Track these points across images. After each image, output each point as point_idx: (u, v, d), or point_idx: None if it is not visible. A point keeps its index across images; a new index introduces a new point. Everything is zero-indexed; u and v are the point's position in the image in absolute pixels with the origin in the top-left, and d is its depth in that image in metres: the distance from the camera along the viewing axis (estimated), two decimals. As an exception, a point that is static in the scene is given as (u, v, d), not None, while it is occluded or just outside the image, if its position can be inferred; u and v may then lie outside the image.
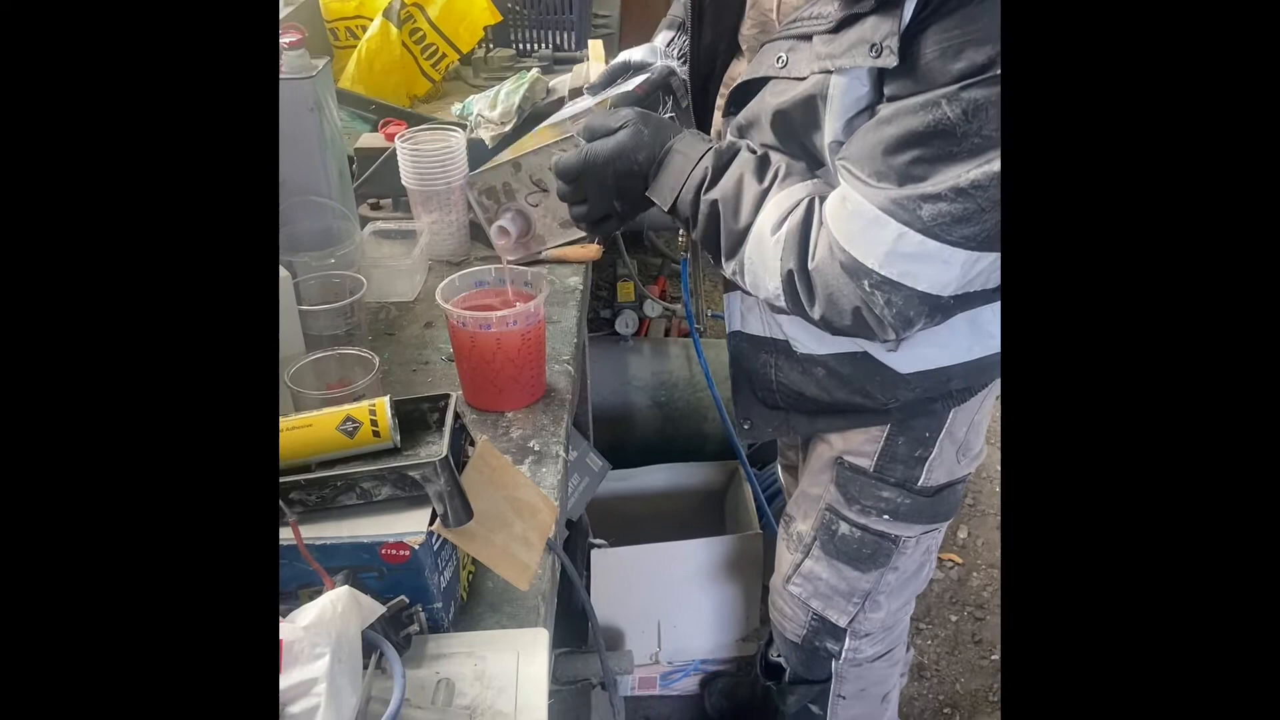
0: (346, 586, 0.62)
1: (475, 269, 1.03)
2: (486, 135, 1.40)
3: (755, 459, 1.84)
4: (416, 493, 0.69)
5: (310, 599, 0.61)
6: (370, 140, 1.40)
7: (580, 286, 1.25)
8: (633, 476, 1.77)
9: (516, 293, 1.01)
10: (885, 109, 0.76)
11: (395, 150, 1.26)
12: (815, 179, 0.86)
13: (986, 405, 1.06)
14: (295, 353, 0.97)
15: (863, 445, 1.07)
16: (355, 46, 1.66)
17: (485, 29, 1.77)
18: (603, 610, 1.56)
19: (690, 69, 1.04)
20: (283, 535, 0.67)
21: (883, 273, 0.77)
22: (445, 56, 1.72)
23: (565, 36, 1.90)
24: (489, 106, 1.47)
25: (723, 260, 0.89)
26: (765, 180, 0.85)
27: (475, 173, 1.08)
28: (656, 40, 1.18)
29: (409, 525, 0.68)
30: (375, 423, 0.72)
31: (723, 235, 0.87)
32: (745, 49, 0.97)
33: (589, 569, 1.54)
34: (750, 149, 0.88)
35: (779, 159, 0.87)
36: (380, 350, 1.03)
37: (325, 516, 0.69)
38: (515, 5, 1.86)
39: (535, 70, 1.54)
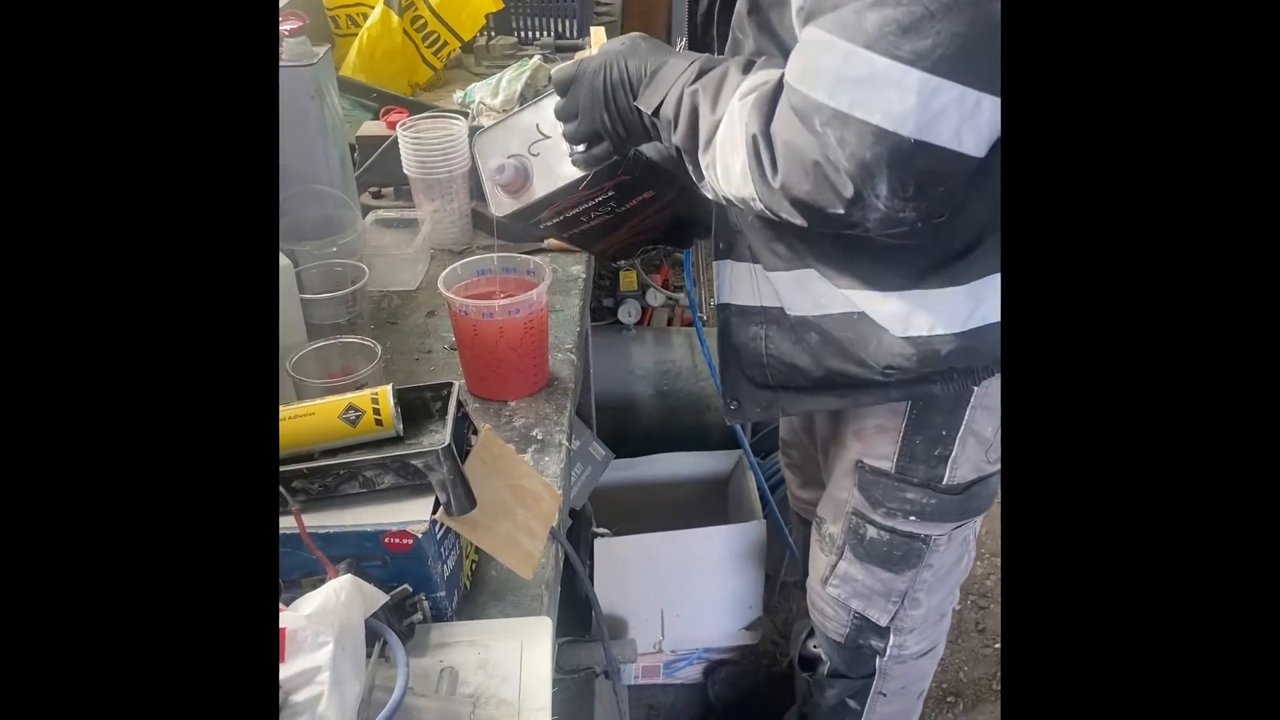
0: (350, 575, 0.62)
1: (478, 257, 1.02)
2: (488, 123, 1.39)
3: (758, 448, 1.84)
4: (419, 481, 0.69)
5: (313, 588, 0.61)
6: (372, 128, 1.39)
7: (583, 275, 1.25)
8: (636, 466, 1.77)
9: (518, 281, 1.01)
10: None
11: (397, 138, 1.25)
12: None
13: None
14: (297, 341, 0.96)
15: (881, 447, 1.05)
16: (356, 34, 1.65)
17: (487, 16, 1.77)
18: (606, 599, 1.56)
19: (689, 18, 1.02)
20: (286, 524, 0.67)
21: (832, 104, 0.72)
22: (447, 44, 1.71)
23: (567, 24, 1.89)
24: (491, 94, 1.46)
25: (699, 156, 0.85)
26: (749, 71, 0.83)
27: (483, 130, 1.06)
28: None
29: (412, 514, 0.68)
30: (378, 411, 0.72)
31: (701, 125, 0.84)
32: None
33: (592, 558, 1.54)
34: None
35: (766, 60, 0.84)
36: (382, 339, 1.02)
37: (328, 505, 0.69)
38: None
39: (537, 58, 1.54)
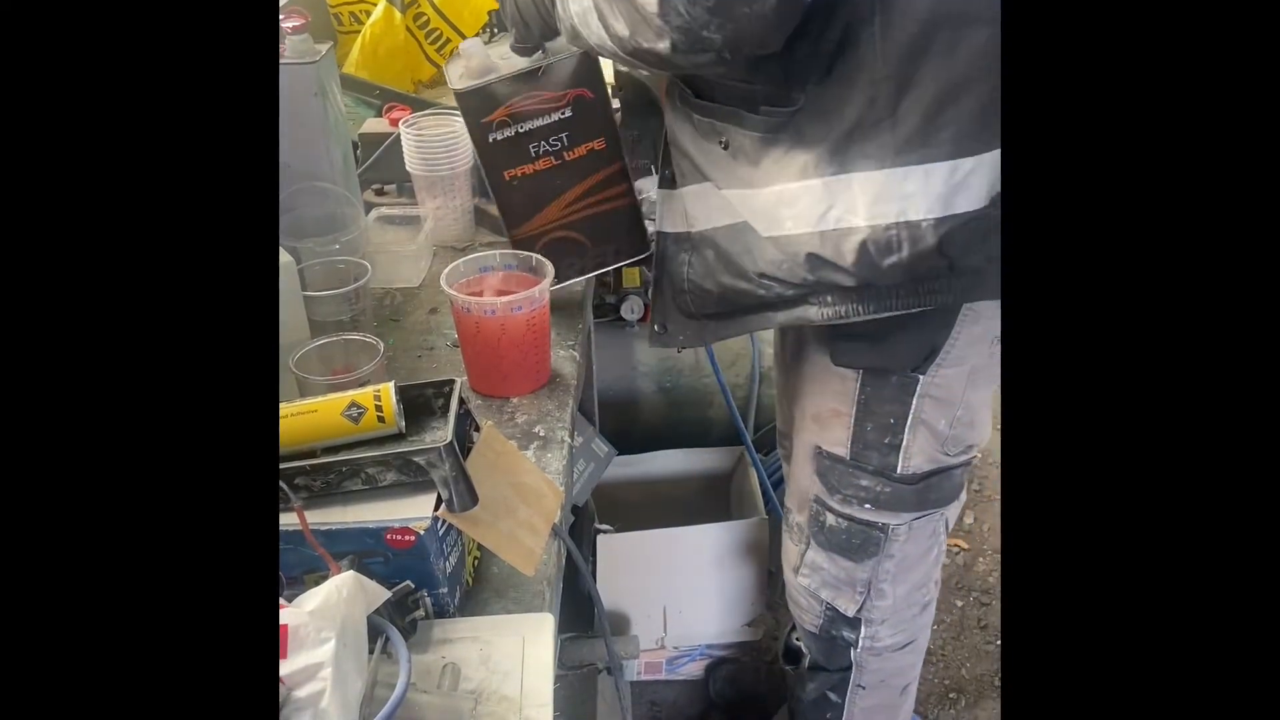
0: (352, 572, 0.62)
1: (480, 254, 1.03)
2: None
3: (761, 444, 1.84)
4: (421, 478, 0.69)
5: (316, 584, 0.61)
6: (374, 125, 1.39)
7: (585, 272, 1.25)
8: (638, 462, 1.77)
9: (520, 278, 1.01)
10: None
11: (399, 136, 1.25)
12: None
13: (974, 400, 1.03)
14: (300, 338, 0.97)
15: (836, 432, 1.06)
16: (359, 31, 1.65)
17: (489, 13, 1.76)
18: (608, 595, 1.57)
19: None
20: (289, 521, 0.67)
21: None
22: (449, 41, 1.71)
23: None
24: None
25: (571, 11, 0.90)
26: None
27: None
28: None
29: (414, 510, 0.68)
30: (380, 408, 0.72)
31: None
32: None
33: (595, 554, 1.54)
34: None
35: None
36: (385, 336, 1.03)
37: (330, 502, 0.69)
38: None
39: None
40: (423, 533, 0.68)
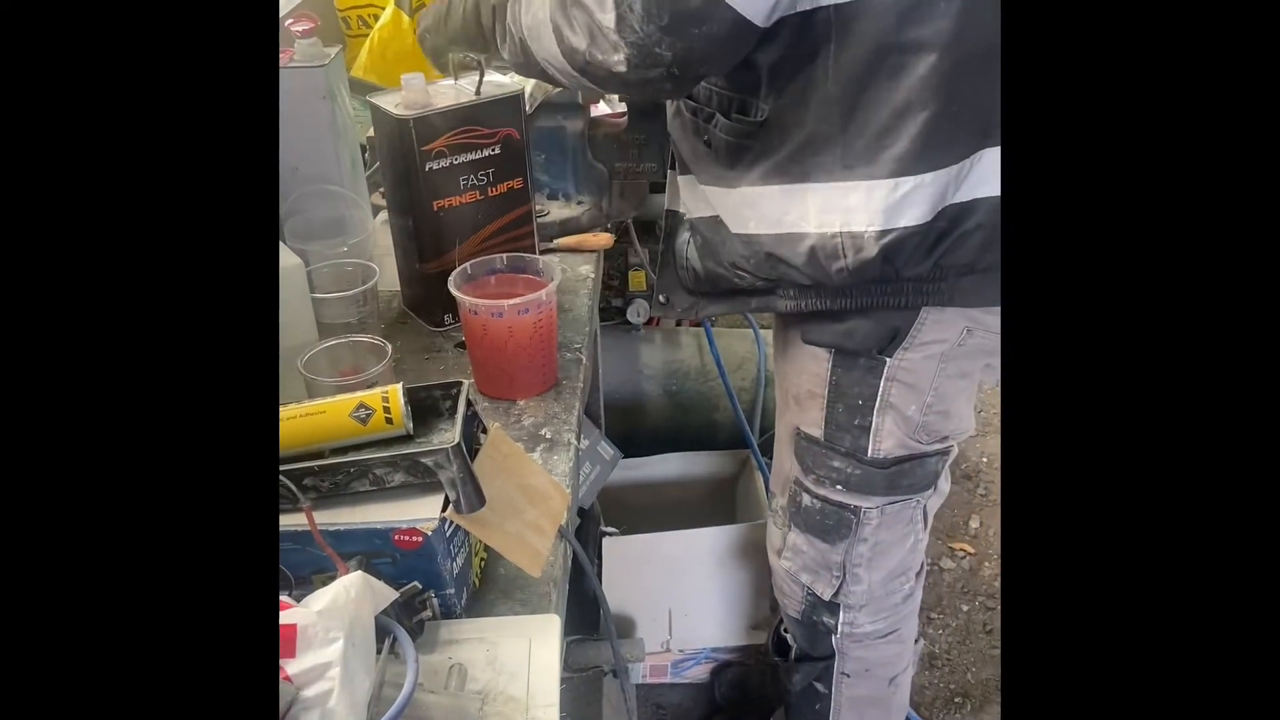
0: (360, 572, 0.63)
1: (487, 257, 1.03)
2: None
3: (766, 448, 1.84)
4: (429, 479, 0.69)
5: (324, 584, 0.62)
6: (382, 129, 1.40)
7: (592, 275, 1.25)
8: (644, 465, 1.77)
9: (527, 281, 1.01)
10: None
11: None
12: None
13: (946, 389, 1.05)
14: (308, 340, 0.97)
15: (812, 413, 1.09)
16: (367, 35, 1.66)
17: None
18: (614, 598, 1.57)
19: None
20: (297, 521, 0.67)
21: None
22: (457, 45, 1.72)
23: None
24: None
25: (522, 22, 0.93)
26: None
27: None
28: None
29: (422, 511, 0.69)
30: (388, 409, 0.72)
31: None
32: None
33: (600, 557, 1.55)
34: None
35: None
36: (392, 338, 1.03)
37: (339, 503, 0.70)
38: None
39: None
40: (430, 534, 0.68)
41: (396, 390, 0.73)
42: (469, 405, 0.74)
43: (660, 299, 1.16)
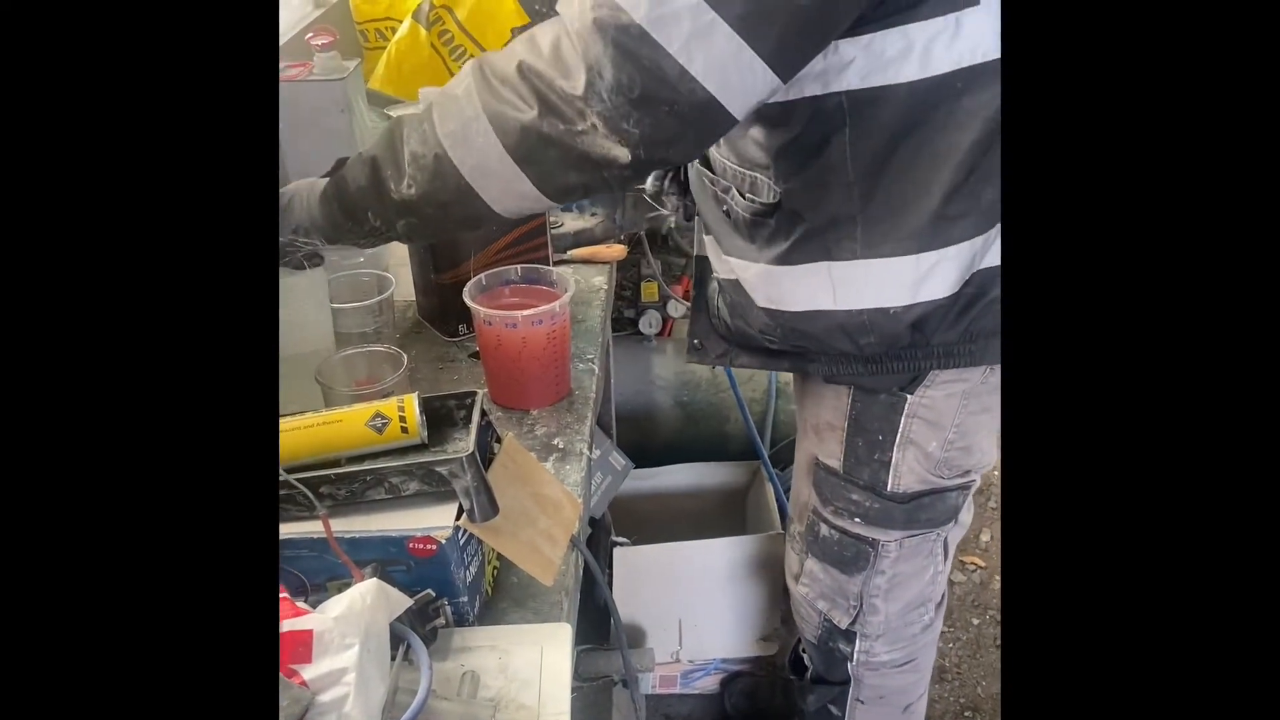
0: (375, 579, 0.64)
1: (501, 268, 1.04)
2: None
3: (777, 459, 1.85)
4: (443, 488, 0.70)
5: (339, 591, 0.63)
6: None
7: (605, 286, 1.26)
8: (655, 476, 1.78)
9: (541, 292, 1.02)
10: None
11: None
12: None
13: (968, 424, 1.03)
14: (325, 348, 0.98)
15: (831, 445, 1.08)
16: (384, 48, 1.67)
17: (513, 31, 1.78)
18: (624, 608, 1.57)
19: None
20: (313, 528, 0.68)
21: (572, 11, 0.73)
22: (473, 58, 1.73)
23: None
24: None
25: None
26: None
27: None
28: None
29: (436, 520, 0.70)
30: (404, 419, 0.73)
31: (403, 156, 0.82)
32: None
33: (611, 567, 1.55)
34: None
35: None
36: (406, 348, 1.04)
37: (354, 510, 0.71)
38: (543, 8, 1.87)
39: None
40: (444, 542, 0.69)
41: (412, 400, 0.74)
42: (483, 415, 0.75)
43: (695, 343, 1.14)
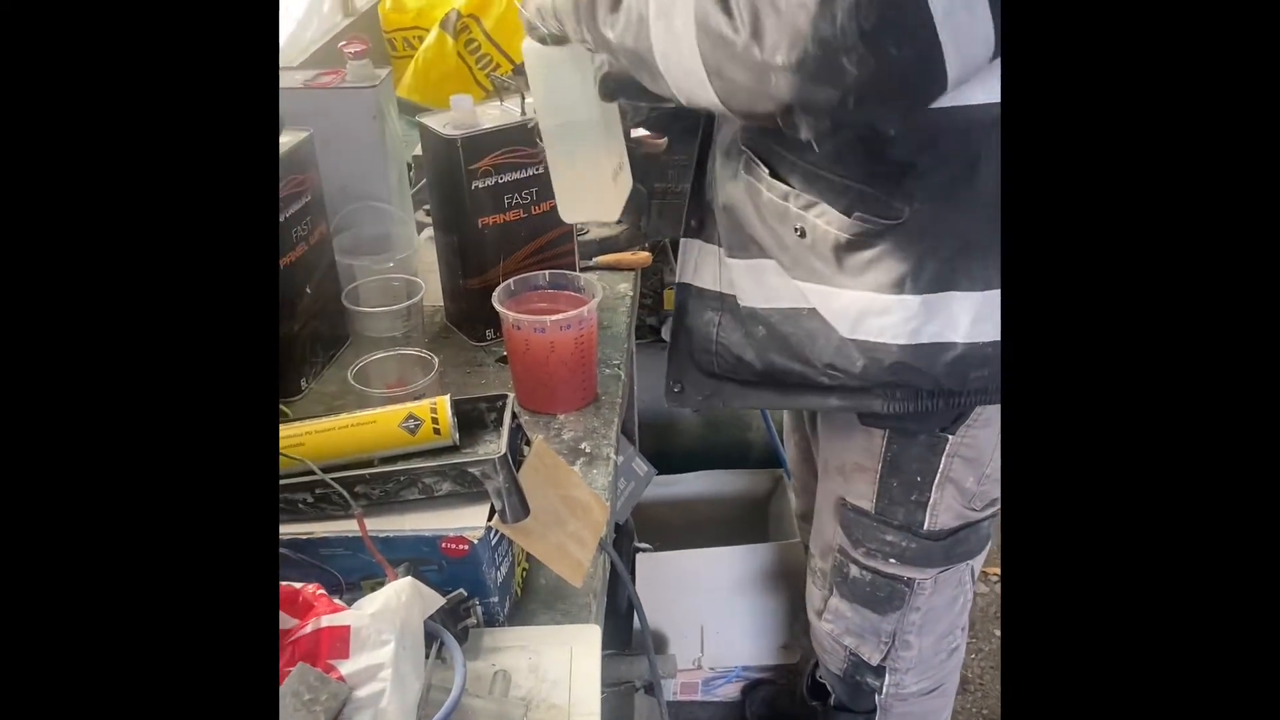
0: (410, 577, 0.64)
1: (529, 274, 1.05)
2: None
3: (799, 468, 1.84)
4: (476, 489, 0.71)
5: (372, 590, 0.64)
6: (427, 148, 1.43)
7: (630, 293, 1.27)
8: (677, 482, 1.78)
9: (569, 297, 1.03)
10: None
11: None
12: None
13: (998, 458, 1.01)
14: (591, 118, 0.91)
15: (860, 486, 1.04)
16: (412, 56, 1.70)
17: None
18: (647, 614, 1.57)
19: None
20: (348, 527, 0.69)
21: None
22: (499, 66, 1.75)
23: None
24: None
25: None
26: None
27: None
28: None
29: (468, 520, 0.70)
30: (436, 421, 0.74)
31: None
32: None
33: (634, 573, 1.55)
34: None
35: None
36: (434, 352, 1.05)
37: (388, 510, 0.71)
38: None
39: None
40: (476, 542, 0.69)
41: (444, 402, 0.75)
42: (514, 417, 0.76)
43: (674, 385, 1.06)
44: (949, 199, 0.81)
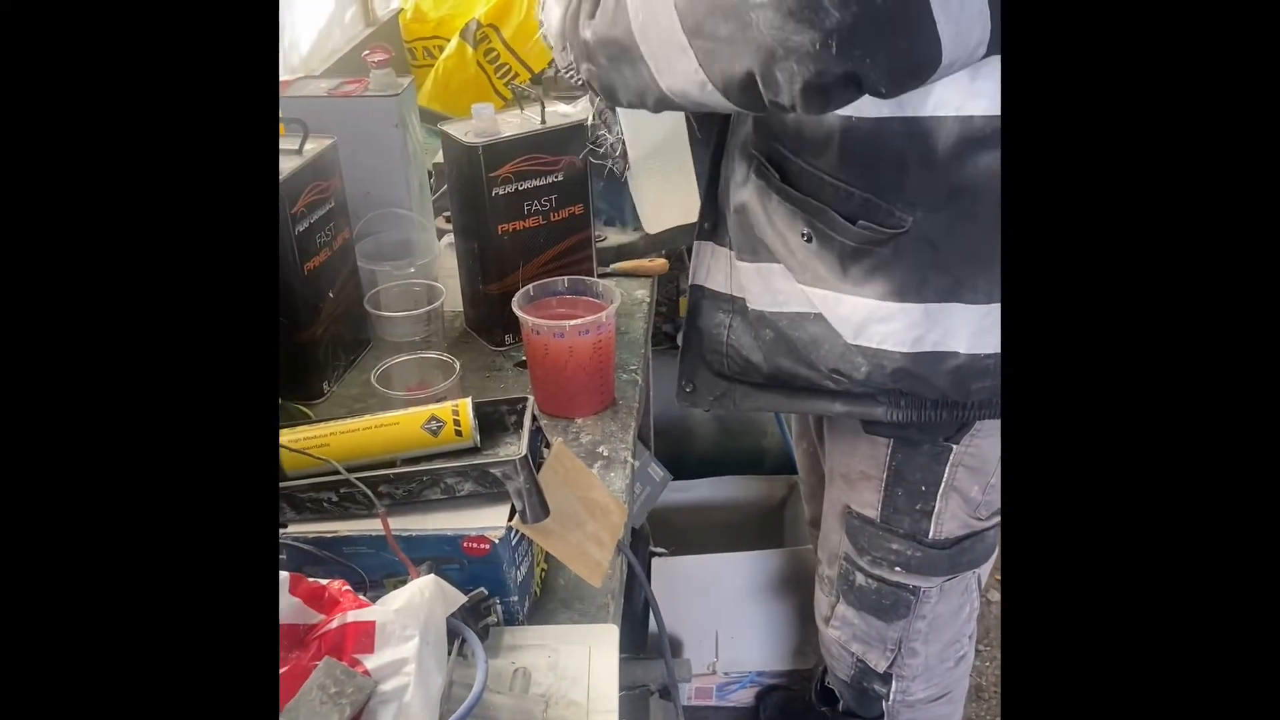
0: (432, 575, 0.66)
1: (548, 279, 1.06)
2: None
3: (814, 474, 1.85)
4: (497, 490, 0.72)
5: (394, 587, 0.65)
6: (447, 155, 1.45)
7: (647, 299, 1.28)
8: (692, 488, 1.79)
9: (587, 303, 1.05)
10: None
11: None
12: None
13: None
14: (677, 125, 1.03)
15: (866, 495, 1.05)
16: (432, 65, 1.72)
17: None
18: (663, 618, 1.58)
19: None
20: (372, 526, 0.71)
21: None
22: (518, 75, 1.77)
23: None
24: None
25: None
26: None
27: None
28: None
29: (489, 520, 0.72)
30: (458, 423, 0.76)
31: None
32: None
33: (649, 577, 1.56)
34: None
35: None
36: (455, 355, 1.07)
37: (411, 510, 0.73)
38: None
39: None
40: (497, 541, 0.71)
41: (466, 404, 0.76)
42: (534, 420, 0.77)
43: (685, 385, 1.07)
44: (952, 211, 0.81)
